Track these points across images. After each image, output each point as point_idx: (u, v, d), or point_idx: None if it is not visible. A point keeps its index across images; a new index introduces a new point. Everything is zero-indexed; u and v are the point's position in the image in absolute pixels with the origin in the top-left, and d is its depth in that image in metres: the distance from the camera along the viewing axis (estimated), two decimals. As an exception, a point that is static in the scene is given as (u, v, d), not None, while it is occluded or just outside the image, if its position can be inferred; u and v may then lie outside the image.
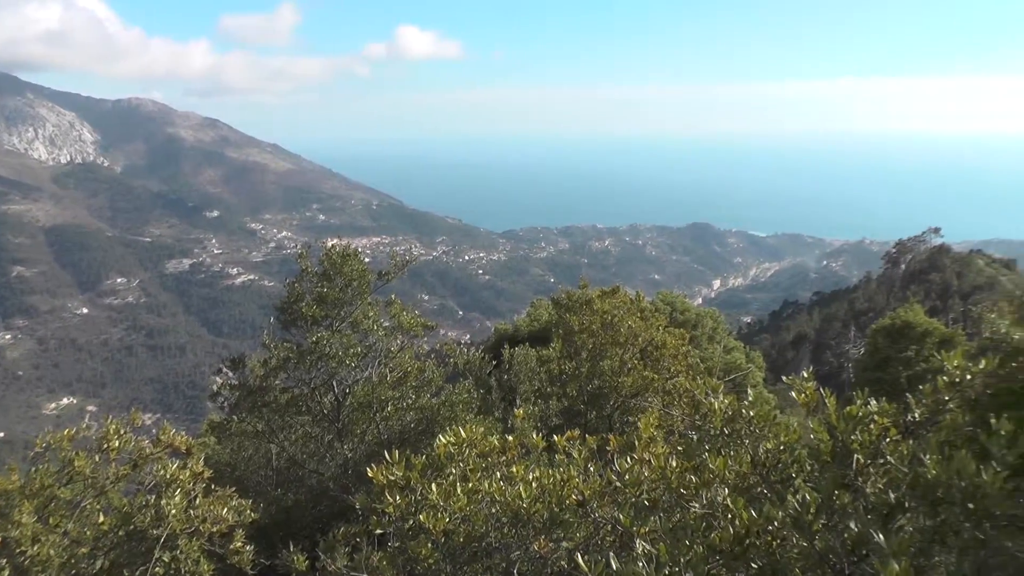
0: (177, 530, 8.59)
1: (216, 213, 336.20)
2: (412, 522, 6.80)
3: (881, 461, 5.50)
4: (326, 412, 17.43)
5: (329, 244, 17.49)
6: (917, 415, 5.98)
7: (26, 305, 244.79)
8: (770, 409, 6.46)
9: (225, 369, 18.18)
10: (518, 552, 6.76)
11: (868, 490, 5.41)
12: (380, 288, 17.80)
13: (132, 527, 8.70)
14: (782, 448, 6.05)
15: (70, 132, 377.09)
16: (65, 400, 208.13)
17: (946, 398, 6.02)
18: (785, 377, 6.71)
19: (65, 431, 9.28)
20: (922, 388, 6.13)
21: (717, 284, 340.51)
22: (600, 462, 7.26)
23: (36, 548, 8.14)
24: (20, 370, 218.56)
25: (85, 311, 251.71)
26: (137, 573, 8.59)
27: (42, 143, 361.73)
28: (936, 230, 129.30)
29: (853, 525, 4.92)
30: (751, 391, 6.83)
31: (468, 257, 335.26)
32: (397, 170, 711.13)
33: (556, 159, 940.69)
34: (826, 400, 5.90)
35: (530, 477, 6.83)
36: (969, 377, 6.05)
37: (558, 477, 6.71)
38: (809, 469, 5.84)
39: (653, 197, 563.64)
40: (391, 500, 6.87)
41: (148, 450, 9.57)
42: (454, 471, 7.21)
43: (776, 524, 5.16)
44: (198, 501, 9.03)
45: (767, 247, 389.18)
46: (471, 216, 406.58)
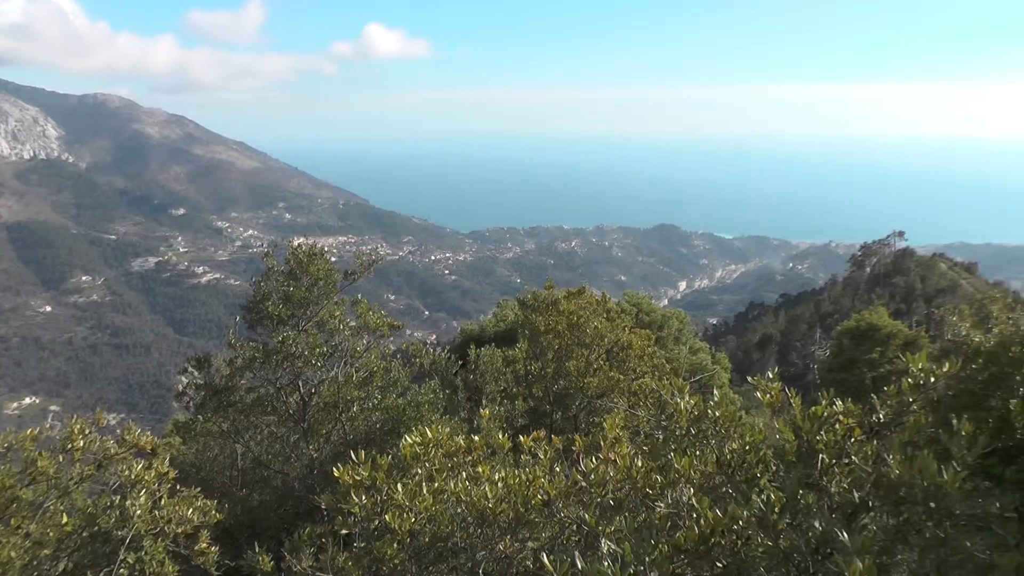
0: (142, 531, 8.52)
1: (182, 211, 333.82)
2: (378, 522, 6.79)
3: (846, 461, 5.55)
4: (292, 412, 17.33)
5: (295, 243, 17.41)
6: (881, 416, 6.04)
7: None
8: (735, 410, 6.51)
9: (191, 369, 18.03)
10: (484, 552, 6.75)
11: (833, 490, 5.45)
12: (346, 288, 17.72)
13: (96, 528, 8.62)
14: (747, 448, 6.08)
15: (34, 127, 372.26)
16: (27, 400, 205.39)
17: (910, 399, 6.08)
18: (751, 378, 6.73)
19: (28, 431, 9.15)
20: (886, 389, 6.19)
21: (683, 285, 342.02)
22: (566, 462, 7.27)
23: (-3, 549, 8.05)
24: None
25: (48, 309, 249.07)
26: (101, 575, 8.50)
27: (4, 138, 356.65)
28: (900, 234, 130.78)
29: (817, 524, 4.96)
30: (717, 392, 6.87)
31: (434, 257, 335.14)
32: (364, 169, 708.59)
33: (523, 160, 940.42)
34: (791, 401, 5.95)
35: (496, 477, 6.83)
36: (932, 379, 6.11)
37: (524, 477, 6.72)
38: (774, 469, 5.88)
39: (619, 198, 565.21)
40: (357, 500, 6.85)
41: (113, 450, 9.46)
42: (420, 471, 7.20)
43: (741, 523, 5.19)
44: (163, 502, 8.95)
45: (733, 249, 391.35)
46: (438, 216, 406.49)
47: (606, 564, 5.06)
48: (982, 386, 7.48)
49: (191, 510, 9.10)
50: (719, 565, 5.19)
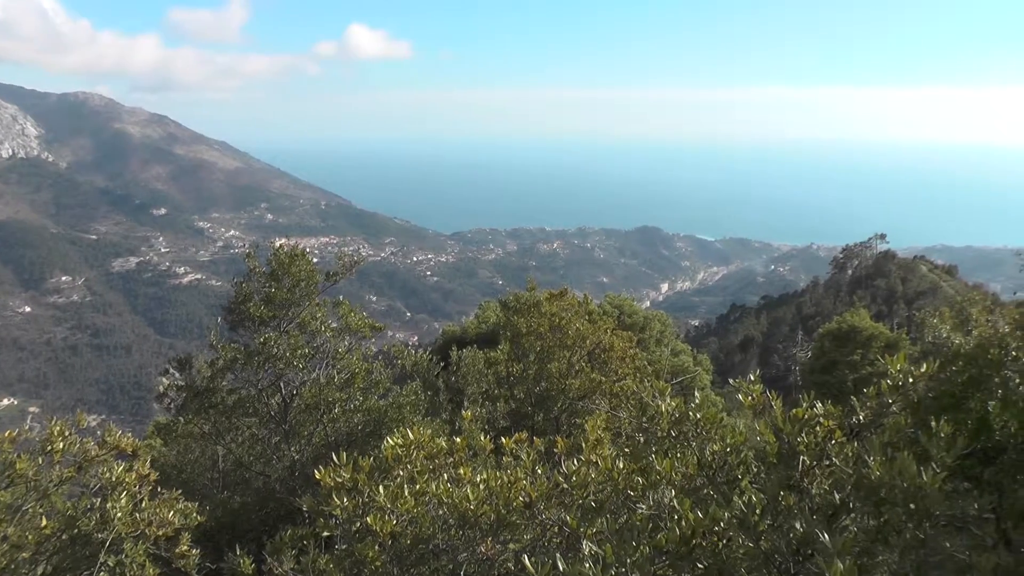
0: (122, 534, 8.47)
1: (164, 211, 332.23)
2: (359, 524, 6.78)
3: (826, 462, 5.57)
4: (273, 414, 17.27)
5: (277, 244, 17.36)
6: (862, 417, 6.07)
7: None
8: (717, 411, 6.51)
9: (172, 370, 17.96)
10: (465, 554, 6.75)
11: (813, 491, 5.47)
12: (328, 289, 17.68)
13: (76, 531, 8.57)
14: (728, 450, 6.10)
15: (12, 126, 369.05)
16: (6, 401, 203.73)
17: (890, 401, 6.11)
18: (732, 380, 6.75)
19: (6, 433, 9.08)
20: (867, 391, 6.22)
21: (665, 287, 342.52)
22: (547, 464, 7.28)
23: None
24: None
25: (28, 310, 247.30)
26: (80, 577, 8.47)
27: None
28: (882, 236, 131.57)
29: (798, 525, 4.98)
30: (698, 394, 6.87)
31: (416, 258, 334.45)
32: (346, 170, 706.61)
33: (504, 161, 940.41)
34: (773, 403, 5.96)
35: (477, 479, 6.83)
36: (912, 381, 6.14)
37: (505, 479, 6.72)
38: (755, 471, 5.90)
39: (601, 200, 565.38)
40: (338, 502, 6.84)
41: (93, 452, 9.39)
42: (401, 473, 7.19)
43: (722, 525, 5.20)
44: (144, 504, 8.90)
45: (715, 251, 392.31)
46: (420, 217, 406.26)
47: (587, 566, 5.06)
48: (961, 388, 7.52)
49: (172, 512, 9.06)
50: (700, 566, 5.20)
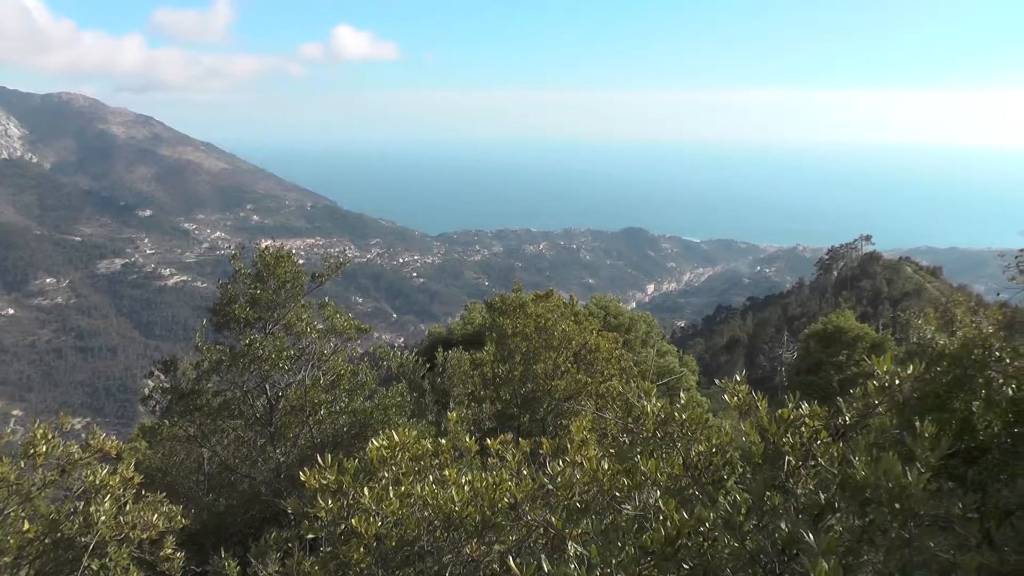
0: (106, 537, 8.43)
1: (149, 212, 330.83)
2: (344, 526, 6.75)
3: (812, 463, 5.58)
4: (259, 416, 17.23)
5: (263, 245, 17.33)
6: (847, 418, 6.08)
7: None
8: (703, 412, 6.52)
9: (157, 372, 17.89)
10: (450, 555, 6.73)
11: (799, 491, 5.48)
12: (314, 290, 17.66)
13: (59, 535, 8.52)
14: (714, 450, 6.11)
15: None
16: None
17: (875, 402, 6.12)
18: (718, 380, 6.76)
19: (-11, 436, 9.05)
20: (852, 392, 6.23)
21: (651, 288, 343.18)
22: (533, 465, 7.27)
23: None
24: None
25: (11, 312, 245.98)
26: (64, 581, 8.42)
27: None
28: (867, 237, 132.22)
29: (784, 525, 4.97)
30: (684, 394, 6.88)
31: (402, 260, 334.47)
32: (332, 171, 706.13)
33: (490, 162, 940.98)
34: (758, 403, 5.97)
35: (463, 480, 6.81)
36: (897, 381, 6.16)
37: (491, 480, 6.71)
38: (741, 471, 5.90)
39: (587, 201, 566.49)
40: (323, 504, 6.82)
41: (77, 455, 9.34)
42: (387, 475, 7.17)
43: (708, 525, 5.20)
44: (128, 507, 8.87)
45: (701, 252, 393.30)
46: (405, 219, 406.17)
47: (573, 567, 5.06)
48: (946, 388, 7.56)
49: (156, 515, 9.03)
50: (686, 567, 5.20)
